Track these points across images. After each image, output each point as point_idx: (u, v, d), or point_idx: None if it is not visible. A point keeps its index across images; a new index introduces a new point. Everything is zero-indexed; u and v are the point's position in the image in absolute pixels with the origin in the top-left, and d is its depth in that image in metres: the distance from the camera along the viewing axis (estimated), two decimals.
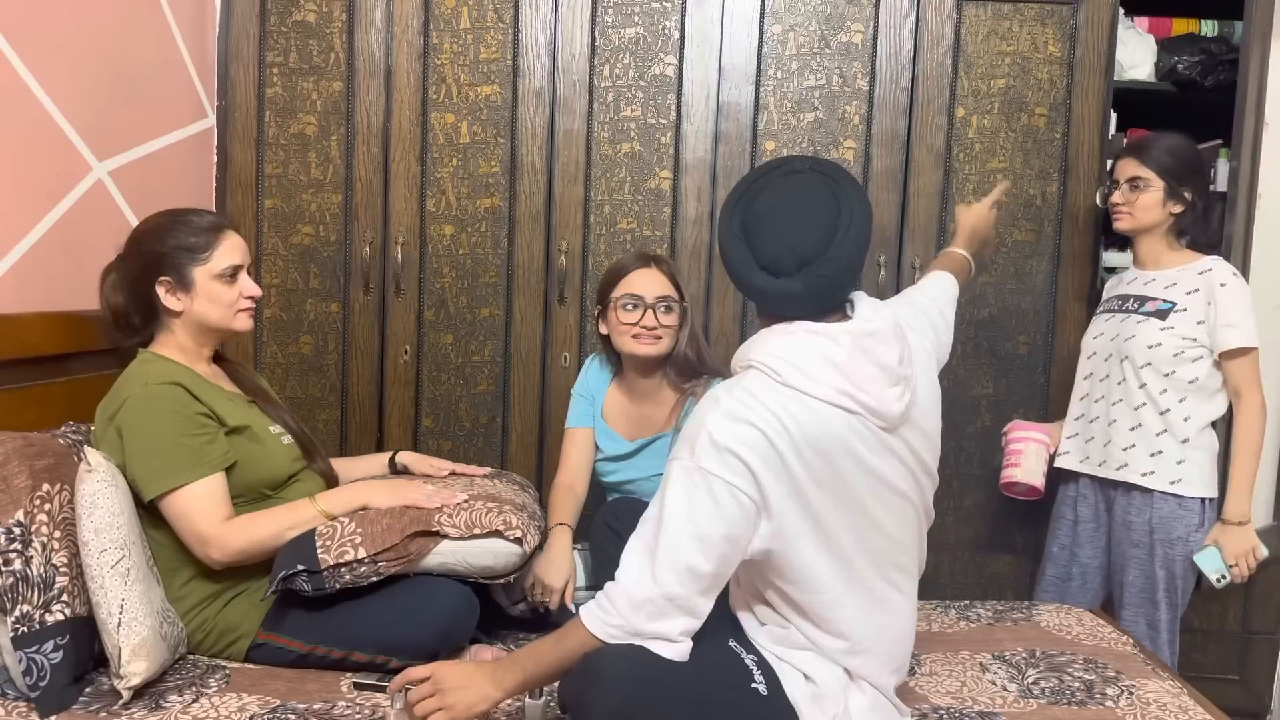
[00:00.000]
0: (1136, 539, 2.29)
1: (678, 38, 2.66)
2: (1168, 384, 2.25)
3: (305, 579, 1.75)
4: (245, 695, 1.67)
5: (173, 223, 1.90)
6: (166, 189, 2.39)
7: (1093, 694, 1.81)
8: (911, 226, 2.69)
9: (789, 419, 1.44)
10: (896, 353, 1.52)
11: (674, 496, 1.44)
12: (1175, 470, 2.25)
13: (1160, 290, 2.30)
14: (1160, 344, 2.25)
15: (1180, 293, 2.27)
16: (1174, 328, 2.25)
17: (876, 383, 1.48)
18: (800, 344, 1.48)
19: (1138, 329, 2.28)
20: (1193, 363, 2.24)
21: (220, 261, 1.88)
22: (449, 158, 2.69)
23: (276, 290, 2.71)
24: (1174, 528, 2.24)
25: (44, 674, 1.58)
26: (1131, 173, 2.32)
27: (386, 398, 2.71)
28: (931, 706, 1.74)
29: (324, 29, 2.66)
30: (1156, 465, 2.26)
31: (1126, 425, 2.30)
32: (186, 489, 1.76)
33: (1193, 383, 2.25)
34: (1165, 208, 2.31)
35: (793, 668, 1.54)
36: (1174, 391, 2.25)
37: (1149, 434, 2.27)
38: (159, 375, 1.83)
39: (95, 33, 2.17)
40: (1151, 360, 2.26)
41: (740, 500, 1.43)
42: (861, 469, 1.49)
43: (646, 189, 2.69)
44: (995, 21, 2.66)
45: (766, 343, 1.51)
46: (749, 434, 1.43)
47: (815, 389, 1.45)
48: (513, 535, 1.85)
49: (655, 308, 2.13)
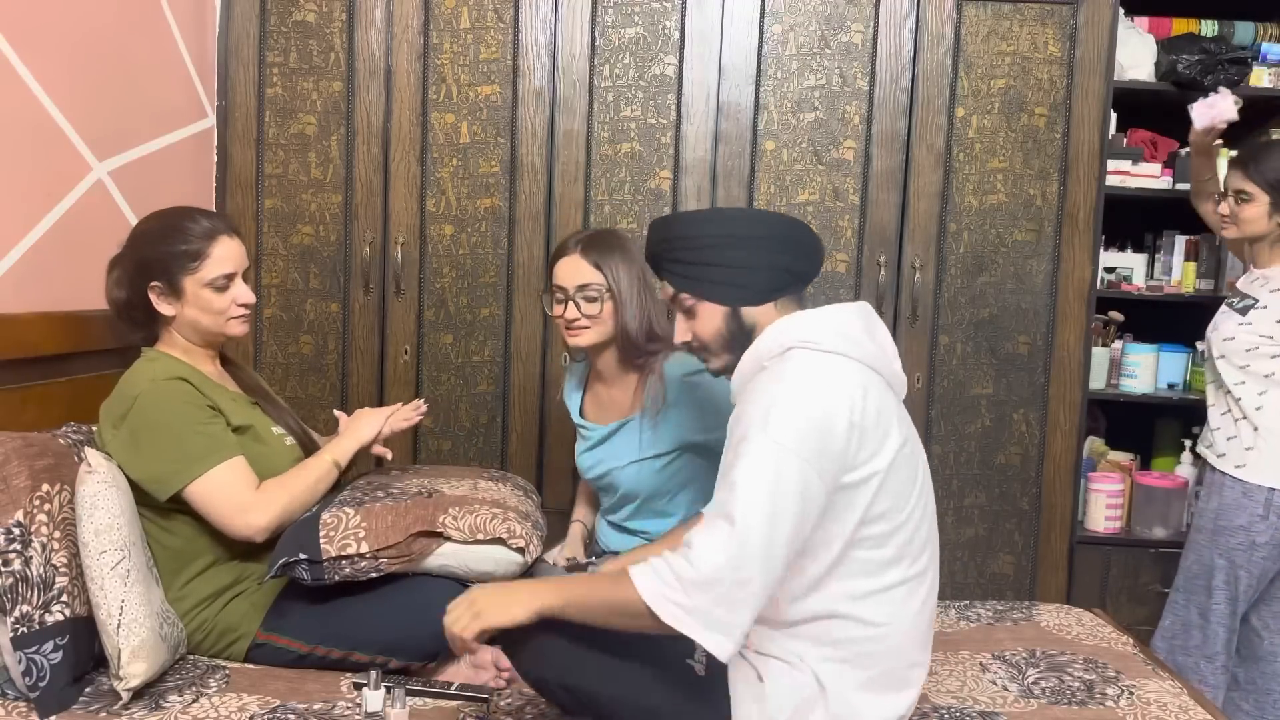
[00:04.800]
0: (1200, 523, 2.37)
1: (678, 38, 2.66)
2: (1243, 375, 2.33)
3: (305, 568, 1.75)
4: (245, 695, 1.67)
5: (166, 228, 1.87)
6: (166, 189, 2.39)
7: (1093, 694, 1.81)
8: (911, 226, 2.69)
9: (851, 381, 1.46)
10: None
11: (758, 476, 1.39)
12: (1242, 455, 2.33)
13: (1258, 288, 2.36)
14: (1234, 338, 2.34)
15: (1266, 290, 2.33)
16: (1251, 324, 2.32)
17: (888, 354, 1.56)
18: (829, 315, 1.54)
19: (1222, 322, 2.38)
20: (1270, 359, 2.30)
21: (211, 271, 1.85)
22: (449, 158, 2.69)
23: (276, 290, 2.71)
24: (1236, 515, 2.31)
25: (44, 674, 1.58)
26: (1237, 185, 2.34)
27: (386, 398, 2.70)
28: (932, 706, 1.74)
29: (324, 29, 2.66)
30: (1230, 449, 2.36)
31: (1218, 411, 2.41)
32: (214, 472, 1.77)
33: (1268, 376, 2.31)
34: (1271, 220, 2.33)
35: (750, 666, 1.51)
36: (1251, 383, 2.33)
37: (1229, 421, 2.37)
38: (165, 372, 1.83)
39: (95, 33, 2.17)
40: (1225, 353, 2.35)
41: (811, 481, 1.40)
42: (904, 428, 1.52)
43: (646, 189, 2.69)
44: (995, 21, 2.66)
45: (793, 324, 1.53)
46: (829, 406, 1.43)
47: (856, 350, 1.50)
48: (515, 544, 1.85)
49: (575, 299, 2.04)
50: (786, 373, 1.47)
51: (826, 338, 1.50)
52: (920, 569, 1.54)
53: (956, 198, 2.69)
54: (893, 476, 1.48)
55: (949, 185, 2.70)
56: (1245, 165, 2.34)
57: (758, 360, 1.54)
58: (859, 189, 2.69)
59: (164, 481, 1.76)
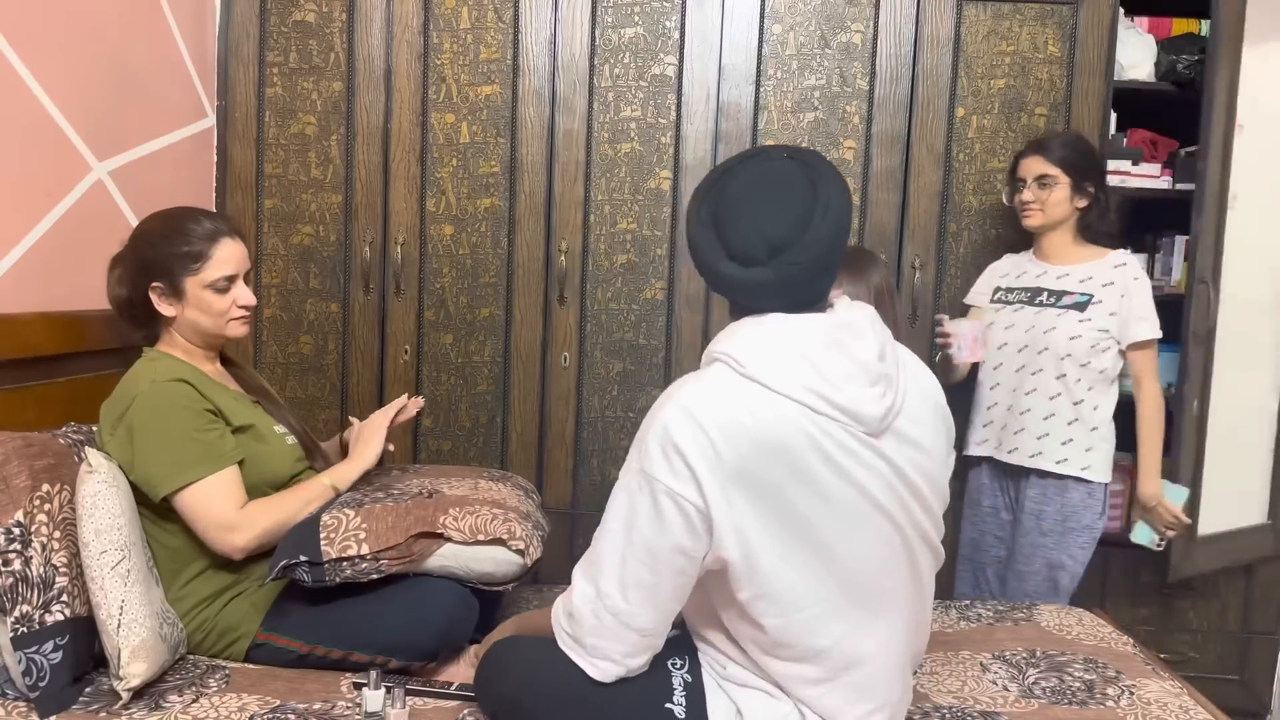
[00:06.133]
0: (1047, 528, 2.40)
1: (678, 38, 2.66)
2: (1082, 374, 2.36)
3: (306, 569, 1.74)
4: (245, 695, 1.67)
5: (168, 229, 1.87)
6: (166, 189, 2.39)
7: (1093, 694, 1.81)
8: (911, 227, 2.69)
9: (748, 415, 1.32)
10: (875, 348, 1.39)
11: (619, 502, 1.37)
12: (1085, 458, 2.38)
13: (1076, 284, 2.39)
14: (1080, 336, 2.35)
15: (1096, 285, 2.37)
16: (1091, 320, 2.35)
17: (851, 380, 1.35)
18: (769, 333, 1.36)
19: (1058, 322, 2.37)
20: (1103, 354, 2.36)
21: (212, 273, 1.85)
22: (449, 158, 2.69)
23: (276, 290, 2.71)
24: (1083, 515, 2.38)
25: (44, 674, 1.58)
26: (1039, 170, 2.40)
27: (386, 397, 2.70)
28: (934, 705, 1.74)
29: (324, 29, 2.66)
30: (1069, 453, 2.38)
31: (1040, 415, 2.40)
32: (203, 482, 1.76)
33: (1102, 373, 2.37)
34: (1072, 203, 2.41)
35: (729, 700, 1.44)
36: (1085, 381, 2.37)
37: (1061, 423, 2.38)
38: (166, 373, 1.83)
39: (95, 33, 2.17)
40: (1071, 352, 2.35)
41: (684, 508, 1.32)
42: (833, 474, 1.34)
43: (646, 189, 2.69)
44: (995, 21, 2.67)
45: (734, 333, 1.39)
46: (697, 434, 1.31)
47: (780, 382, 1.33)
48: (516, 546, 1.85)
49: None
50: (686, 390, 1.36)
51: (751, 360, 1.34)
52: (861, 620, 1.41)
53: (956, 198, 2.69)
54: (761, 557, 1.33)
55: (949, 185, 2.70)
56: (1043, 150, 2.41)
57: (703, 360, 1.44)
58: (859, 189, 2.69)
59: (153, 484, 1.77)
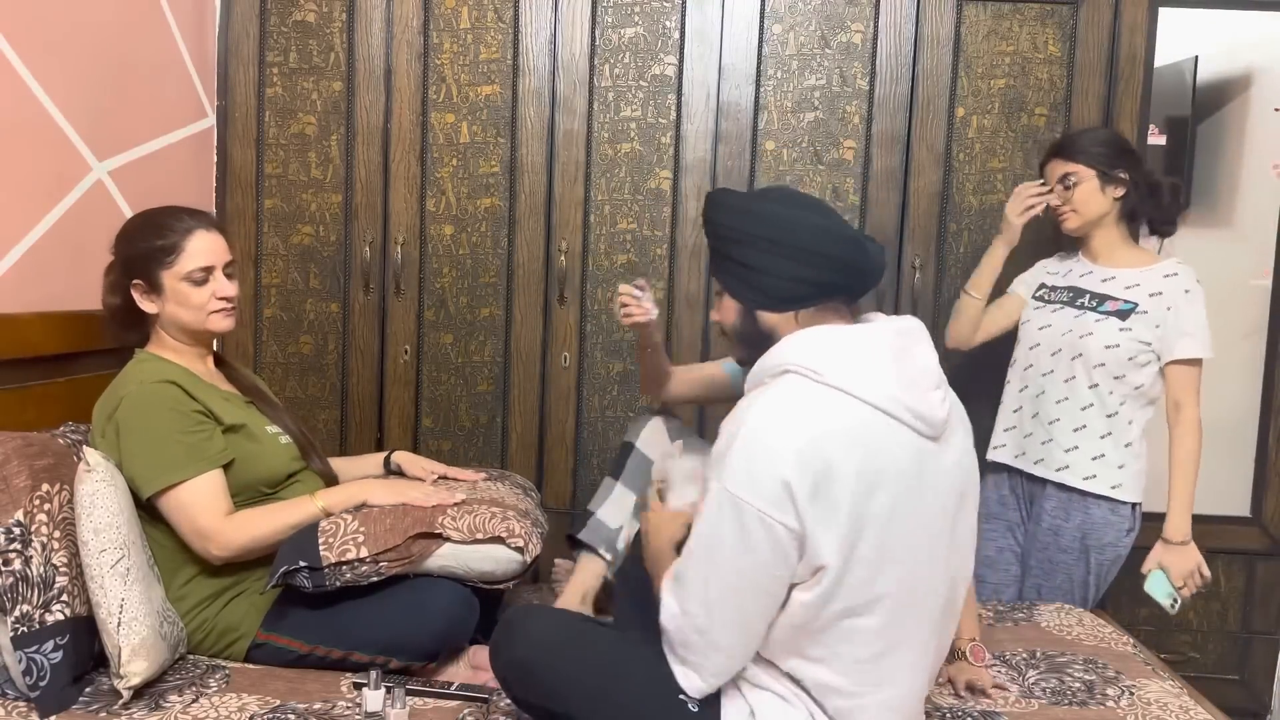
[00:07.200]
0: (1065, 544, 2.26)
1: (678, 38, 2.66)
2: (1116, 386, 2.21)
3: (306, 575, 1.74)
4: (245, 695, 1.67)
5: (146, 225, 1.89)
6: (166, 189, 2.39)
7: (1093, 694, 1.81)
8: (911, 227, 2.69)
9: (833, 423, 1.31)
10: (933, 353, 1.43)
11: (707, 522, 1.35)
12: (1116, 475, 2.21)
13: (1121, 290, 2.24)
14: (1118, 345, 2.19)
15: (1143, 294, 2.21)
16: (1131, 329, 2.19)
17: (917, 384, 1.37)
18: (842, 341, 1.37)
19: (1096, 328, 2.22)
20: (1142, 368, 2.20)
21: (186, 264, 1.85)
22: (449, 158, 2.69)
23: (276, 290, 2.71)
24: (1106, 533, 2.23)
25: (44, 674, 1.58)
26: (1060, 171, 2.28)
27: (386, 397, 2.71)
28: (934, 706, 1.74)
29: (324, 29, 2.66)
30: (1099, 469, 2.22)
31: (1070, 425, 2.24)
32: (185, 485, 1.76)
33: (1138, 389, 2.21)
34: (1105, 195, 2.25)
35: (743, 699, 1.43)
36: (1119, 395, 2.21)
37: (1093, 436, 2.22)
38: (154, 374, 1.83)
39: (95, 33, 2.17)
40: (1106, 361, 2.20)
41: (773, 529, 1.30)
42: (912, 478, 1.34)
43: (646, 189, 2.69)
44: (995, 21, 2.66)
45: (800, 344, 1.38)
46: (784, 449, 1.30)
47: (862, 388, 1.32)
48: (515, 544, 1.85)
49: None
50: (764, 403, 1.35)
51: (829, 367, 1.34)
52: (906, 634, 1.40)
53: (956, 198, 2.69)
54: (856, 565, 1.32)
55: (949, 185, 2.70)
56: (1061, 151, 2.29)
57: (760, 374, 1.44)
58: (859, 189, 2.69)
59: (138, 485, 1.77)
